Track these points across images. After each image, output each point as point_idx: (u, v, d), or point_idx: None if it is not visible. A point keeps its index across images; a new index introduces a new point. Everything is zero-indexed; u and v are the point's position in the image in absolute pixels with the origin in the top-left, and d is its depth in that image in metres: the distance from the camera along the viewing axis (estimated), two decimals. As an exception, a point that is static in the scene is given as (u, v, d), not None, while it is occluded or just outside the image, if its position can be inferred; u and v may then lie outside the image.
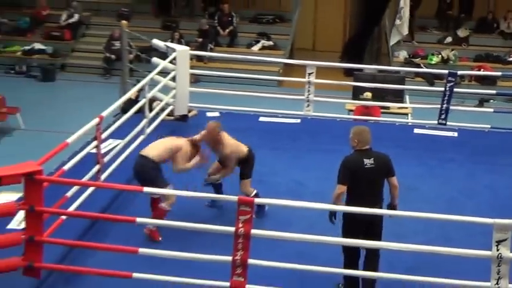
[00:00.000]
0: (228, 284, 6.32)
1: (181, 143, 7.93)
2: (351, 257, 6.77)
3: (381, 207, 6.84)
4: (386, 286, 6.66)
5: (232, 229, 6.25)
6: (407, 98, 14.18)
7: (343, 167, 6.78)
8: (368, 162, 6.73)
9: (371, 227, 6.71)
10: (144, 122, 10.00)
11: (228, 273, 6.31)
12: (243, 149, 8.30)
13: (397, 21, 18.89)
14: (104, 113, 8.32)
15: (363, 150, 6.83)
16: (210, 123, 8.21)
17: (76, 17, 21.13)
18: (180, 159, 7.83)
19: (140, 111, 10.09)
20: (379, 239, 6.78)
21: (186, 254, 6.56)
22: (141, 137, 9.82)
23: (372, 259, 6.79)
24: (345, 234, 6.71)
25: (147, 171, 7.67)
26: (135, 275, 6.46)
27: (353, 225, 6.67)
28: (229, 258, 6.28)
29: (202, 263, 6.70)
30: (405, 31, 18.92)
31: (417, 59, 19.79)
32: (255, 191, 8.31)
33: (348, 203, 6.75)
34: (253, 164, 8.34)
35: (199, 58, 18.42)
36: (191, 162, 7.93)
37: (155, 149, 7.82)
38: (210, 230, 6.79)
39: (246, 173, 8.31)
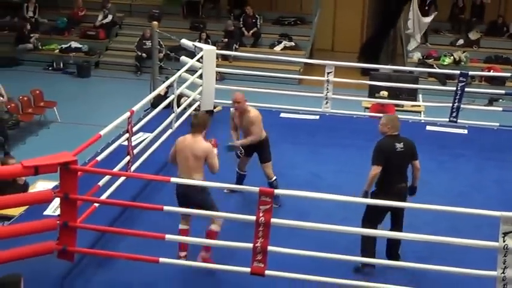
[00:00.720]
0: (248, 269, 6.34)
1: (202, 147, 7.01)
2: (369, 238, 6.93)
3: (406, 186, 7.14)
4: (398, 274, 6.64)
5: (253, 218, 6.26)
6: (420, 96, 14.10)
7: (379, 150, 7.04)
8: (399, 146, 7.03)
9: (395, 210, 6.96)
10: (172, 116, 10.01)
11: (249, 260, 6.32)
12: (263, 132, 8.42)
13: (409, 31, 18.93)
14: (135, 108, 8.33)
15: (393, 136, 7.11)
16: (238, 93, 8.38)
17: (110, 17, 21.21)
18: (215, 162, 7.06)
19: (169, 106, 10.11)
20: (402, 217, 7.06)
21: (209, 240, 6.58)
22: (170, 131, 9.84)
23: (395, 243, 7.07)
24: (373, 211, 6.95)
25: (194, 198, 6.94)
26: (162, 259, 6.49)
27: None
28: (250, 245, 6.29)
29: (224, 249, 6.72)
30: (417, 38, 18.97)
31: (430, 60, 19.66)
32: (274, 176, 8.41)
33: (379, 182, 7.00)
34: (269, 147, 8.43)
35: (225, 57, 18.43)
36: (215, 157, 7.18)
37: (190, 172, 7.00)
38: (232, 219, 6.82)
39: (266, 156, 8.40)
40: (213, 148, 7.12)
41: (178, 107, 10.31)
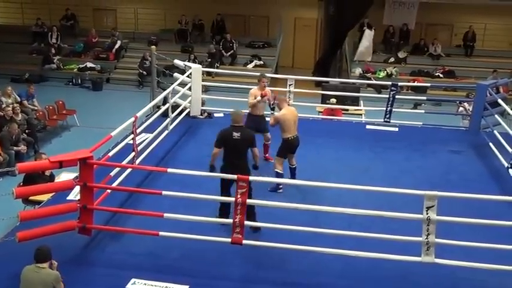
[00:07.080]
0: (229, 239, 6.33)
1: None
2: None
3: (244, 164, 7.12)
4: (345, 242, 6.63)
5: (232, 199, 6.25)
6: (361, 102, 14.16)
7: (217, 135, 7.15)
8: (236, 134, 7.08)
9: None
10: (167, 120, 9.96)
11: (230, 232, 6.31)
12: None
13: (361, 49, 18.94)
14: (138, 114, 8.28)
15: (234, 126, 7.15)
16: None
17: (118, 43, 21.07)
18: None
19: (165, 113, 10.05)
20: None
21: (199, 217, 6.54)
22: (166, 132, 9.79)
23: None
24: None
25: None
26: (161, 233, 6.46)
27: None
28: (231, 220, 6.28)
29: (211, 224, 6.69)
30: (366, 57, 19.05)
31: (369, 74, 19.79)
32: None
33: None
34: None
35: (209, 73, 18.33)
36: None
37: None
38: (216, 200, 6.79)
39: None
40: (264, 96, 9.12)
41: (172, 113, 10.25)
